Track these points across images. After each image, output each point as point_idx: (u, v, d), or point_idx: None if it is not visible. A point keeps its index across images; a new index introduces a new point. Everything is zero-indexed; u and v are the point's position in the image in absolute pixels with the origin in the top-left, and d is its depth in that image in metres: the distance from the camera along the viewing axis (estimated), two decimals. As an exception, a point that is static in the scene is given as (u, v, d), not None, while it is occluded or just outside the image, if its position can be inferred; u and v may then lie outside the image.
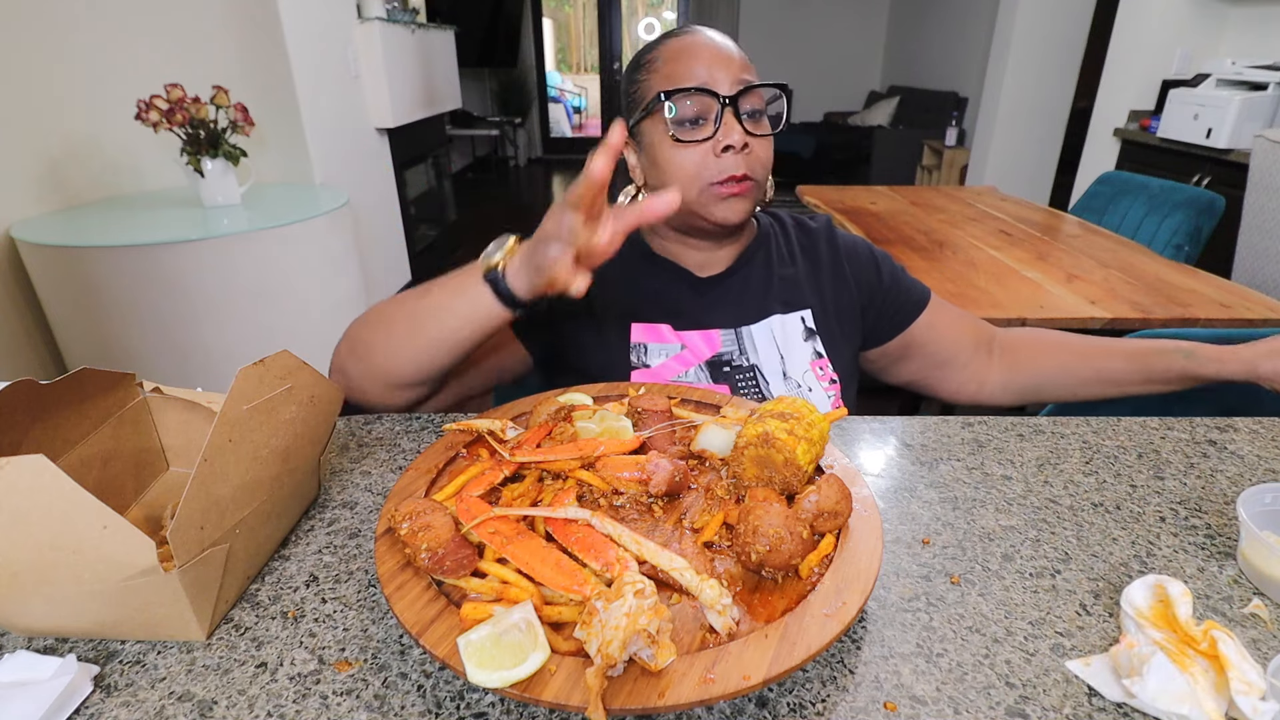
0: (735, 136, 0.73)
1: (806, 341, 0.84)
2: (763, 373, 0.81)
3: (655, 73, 0.78)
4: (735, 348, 0.82)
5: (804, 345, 0.84)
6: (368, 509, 0.61)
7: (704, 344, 0.82)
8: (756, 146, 0.76)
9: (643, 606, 0.38)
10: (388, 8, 3.03)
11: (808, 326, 0.85)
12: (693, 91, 0.73)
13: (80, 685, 0.42)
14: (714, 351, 0.82)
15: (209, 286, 1.81)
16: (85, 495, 0.40)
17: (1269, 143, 1.93)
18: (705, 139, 0.74)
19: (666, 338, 0.82)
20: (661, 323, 0.82)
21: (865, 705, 0.42)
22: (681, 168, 0.75)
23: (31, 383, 0.51)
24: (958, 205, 2.26)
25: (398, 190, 3.30)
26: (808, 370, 0.82)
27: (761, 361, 0.82)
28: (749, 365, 0.81)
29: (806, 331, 0.84)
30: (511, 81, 7.30)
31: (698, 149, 0.75)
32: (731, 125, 0.73)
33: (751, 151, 0.75)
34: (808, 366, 0.82)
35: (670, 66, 0.76)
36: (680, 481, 0.53)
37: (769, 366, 0.81)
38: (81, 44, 2.01)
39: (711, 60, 0.75)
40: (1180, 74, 3.04)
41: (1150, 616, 0.44)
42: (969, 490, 0.63)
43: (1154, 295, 1.42)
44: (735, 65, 0.75)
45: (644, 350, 0.81)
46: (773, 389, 0.81)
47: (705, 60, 0.75)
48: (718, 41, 0.77)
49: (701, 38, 0.77)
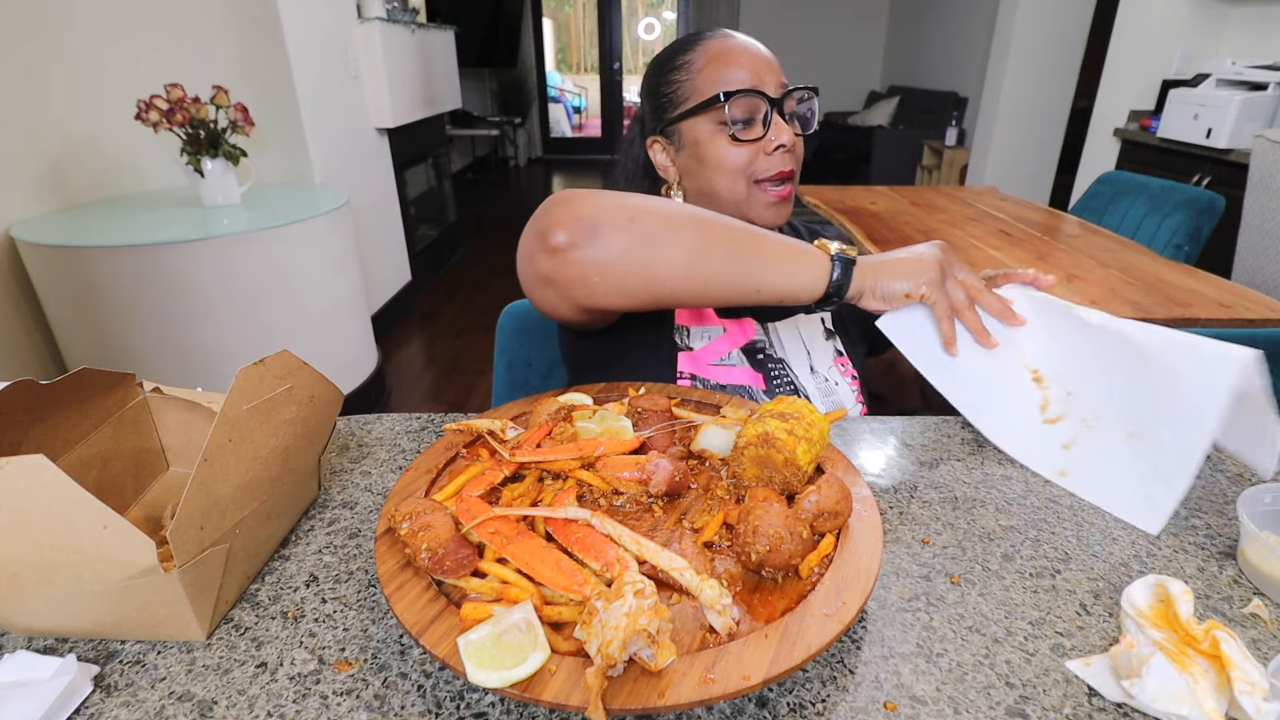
0: (787, 136, 0.77)
1: (828, 341, 0.87)
2: (791, 367, 0.83)
3: (698, 73, 0.79)
4: (765, 339, 0.85)
5: (825, 344, 0.87)
6: (368, 509, 0.61)
7: (739, 330, 0.84)
8: (797, 146, 0.80)
9: (643, 606, 0.38)
10: (388, 8, 3.03)
11: (827, 327, 0.88)
12: (746, 94, 0.76)
13: (80, 685, 0.42)
14: (749, 339, 0.84)
15: (209, 286, 1.81)
16: (85, 495, 0.40)
17: (1269, 143, 1.93)
18: (758, 138, 0.78)
19: (708, 320, 0.84)
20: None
21: (865, 705, 0.42)
22: (734, 165, 0.78)
23: (31, 383, 0.51)
24: (958, 205, 2.26)
25: (398, 190, 3.30)
26: (832, 366, 0.85)
27: (789, 356, 0.84)
28: (778, 358, 0.84)
29: (826, 332, 0.88)
30: (511, 81, 7.30)
31: (749, 148, 0.78)
32: (781, 125, 0.77)
33: (792, 150, 0.79)
34: (831, 363, 0.85)
35: (715, 69, 0.78)
36: (680, 481, 0.53)
37: (796, 361, 0.84)
38: (82, 44, 2.01)
39: (757, 63, 0.78)
40: (1180, 74, 3.04)
41: (1151, 616, 0.44)
42: (969, 490, 0.63)
43: (1154, 295, 1.42)
44: (776, 68, 0.79)
45: (686, 333, 0.83)
46: (802, 382, 0.83)
47: (752, 63, 0.78)
48: (758, 45, 0.81)
49: (742, 41, 0.80)
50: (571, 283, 0.60)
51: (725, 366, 0.81)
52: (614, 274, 0.59)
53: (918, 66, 6.17)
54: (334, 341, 2.27)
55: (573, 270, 0.59)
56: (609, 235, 0.58)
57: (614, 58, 7.59)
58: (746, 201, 0.80)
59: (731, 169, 0.78)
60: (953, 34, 5.58)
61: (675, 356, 0.81)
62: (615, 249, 0.58)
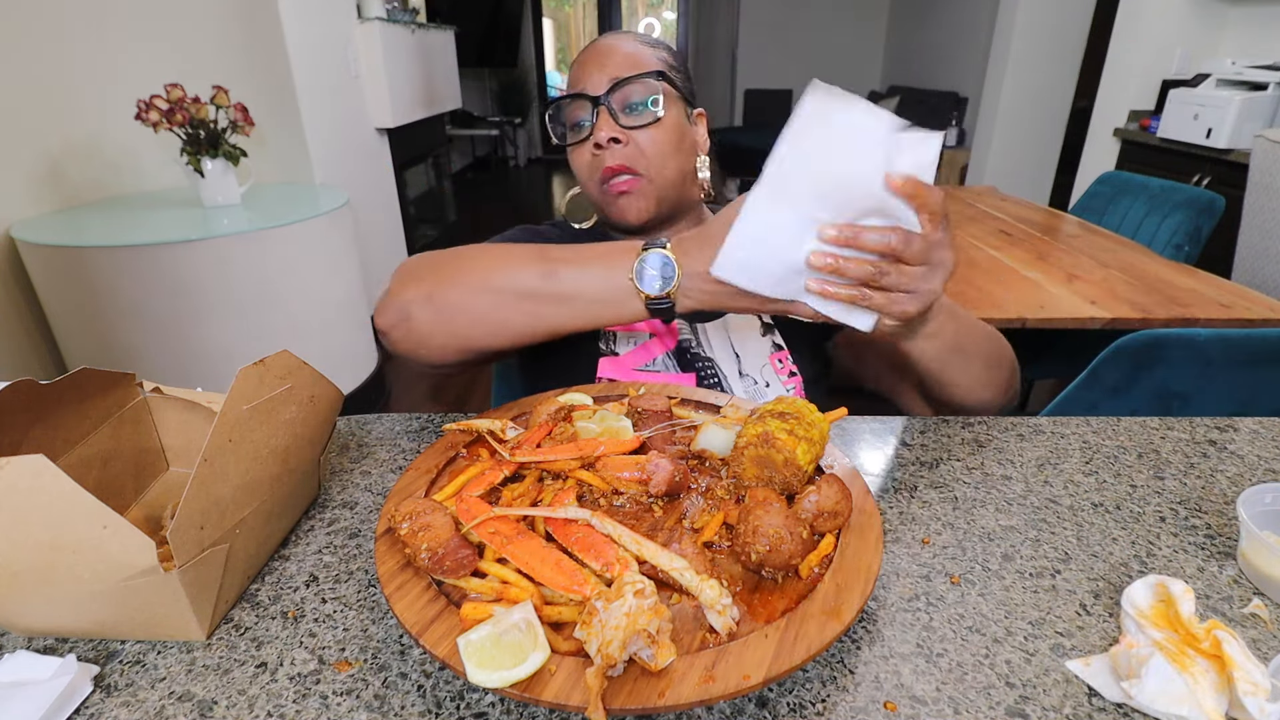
0: (602, 133, 0.76)
1: (765, 336, 0.83)
2: (720, 368, 0.81)
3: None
4: (693, 338, 0.82)
5: (761, 341, 0.82)
6: (368, 509, 0.61)
7: (668, 333, 0.82)
8: (638, 139, 0.77)
9: (643, 606, 0.38)
10: (388, 8, 3.03)
11: (764, 322, 0.84)
12: (567, 99, 0.77)
13: (80, 685, 0.42)
14: (676, 340, 0.82)
15: (209, 286, 1.81)
16: (85, 495, 0.40)
17: (1269, 143, 1.93)
18: (583, 140, 0.77)
19: (635, 325, 0.82)
20: None
21: (865, 705, 0.42)
22: (580, 169, 0.80)
23: (31, 383, 0.51)
24: (958, 205, 2.26)
25: (398, 190, 3.30)
26: (766, 364, 0.81)
27: (717, 357, 0.81)
28: (706, 357, 0.81)
29: (764, 327, 0.83)
30: (511, 81, 7.30)
31: (583, 150, 0.78)
32: (601, 122, 0.76)
33: (630, 145, 0.77)
34: (766, 361, 0.81)
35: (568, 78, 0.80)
36: (680, 481, 0.53)
37: (725, 364, 0.81)
38: (81, 44, 2.01)
39: (591, 64, 0.78)
40: (1180, 74, 3.04)
41: (1151, 615, 0.44)
42: (969, 490, 0.63)
43: (1154, 295, 1.42)
44: (613, 64, 0.77)
45: (613, 338, 0.82)
46: (729, 384, 0.80)
47: (586, 65, 0.78)
48: (606, 43, 0.80)
49: (594, 43, 0.80)
50: (406, 356, 0.66)
51: (650, 372, 0.79)
52: (431, 344, 0.64)
53: (918, 66, 6.17)
54: (334, 341, 2.27)
55: (401, 348, 0.66)
56: (415, 314, 0.63)
57: (614, 58, 7.58)
58: (602, 204, 0.80)
59: (582, 174, 0.80)
60: (953, 34, 5.58)
61: (596, 363, 0.80)
62: (423, 326, 0.63)
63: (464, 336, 0.64)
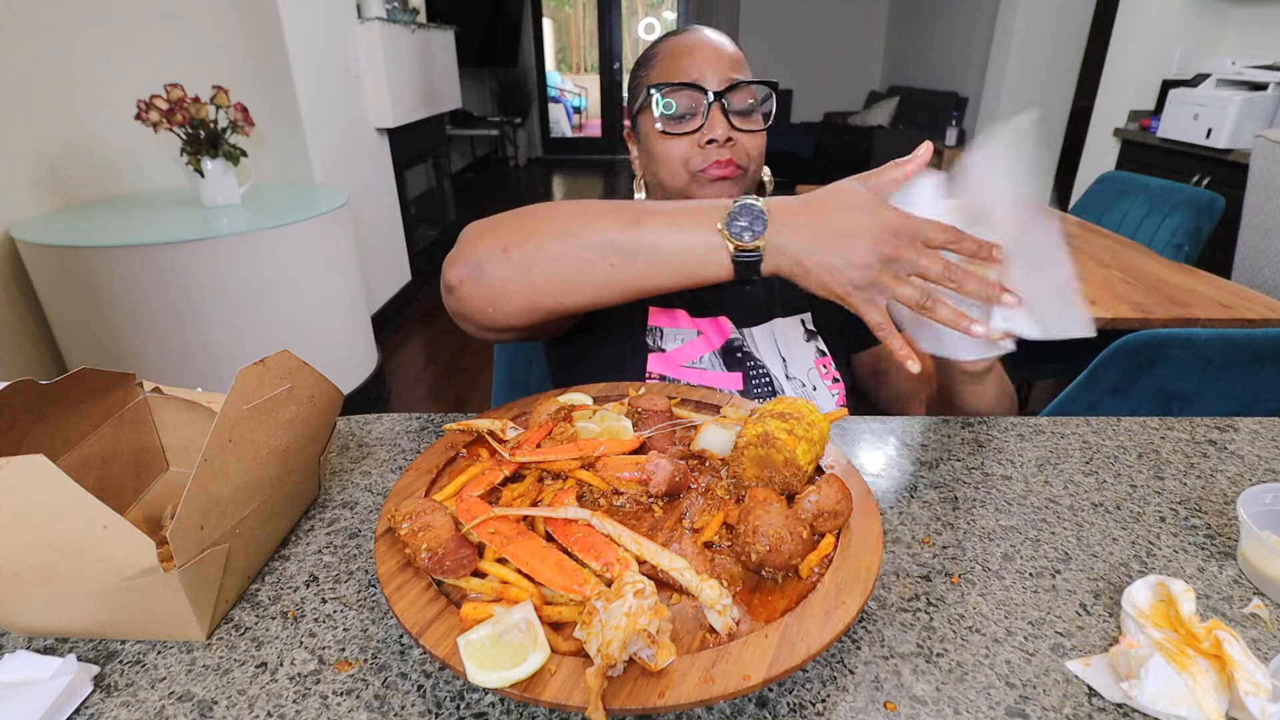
0: (719, 130, 0.76)
1: (809, 342, 0.85)
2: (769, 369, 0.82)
3: (653, 69, 0.81)
4: (742, 339, 0.83)
5: (806, 346, 0.85)
6: (368, 509, 0.61)
7: (715, 331, 0.83)
8: (744, 140, 0.78)
9: (643, 606, 0.38)
10: (388, 8, 3.03)
11: (808, 329, 0.86)
12: (680, 87, 0.77)
13: (80, 685, 0.42)
14: (725, 339, 0.82)
15: (209, 286, 1.81)
16: (85, 495, 0.40)
17: (1269, 143, 1.93)
18: (691, 131, 0.77)
19: (682, 323, 0.83)
20: (678, 308, 0.84)
21: (865, 705, 0.42)
22: (670, 157, 0.79)
23: (31, 383, 0.51)
24: (958, 205, 2.25)
25: (398, 190, 3.30)
26: (811, 369, 0.83)
27: (765, 361, 0.83)
28: (756, 358, 0.83)
29: (807, 333, 0.86)
30: (511, 81, 7.30)
31: (685, 141, 0.78)
32: (716, 119, 0.77)
33: (737, 144, 0.78)
34: (811, 365, 0.84)
35: (666, 63, 0.80)
36: (680, 481, 0.53)
37: (773, 366, 0.82)
38: (82, 44, 2.01)
39: (703, 57, 0.78)
40: (1180, 74, 3.04)
41: (1152, 615, 0.44)
42: (969, 490, 0.63)
43: (1154, 295, 1.42)
44: (726, 63, 0.78)
45: (660, 334, 0.82)
46: (780, 386, 0.82)
47: (697, 57, 0.78)
48: (712, 39, 0.80)
49: (698, 36, 0.80)
50: (472, 315, 0.65)
51: (698, 369, 0.80)
52: (502, 301, 0.63)
53: (918, 66, 6.17)
54: (334, 341, 2.27)
55: (469, 305, 0.64)
56: (489, 268, 0.62)
57: (614, 58, 7.59)
58: (688, 190, 0.80)
59: (669, 161, 0.79)
60: (953, 34, 5.58)
61: (645, 358, 0.80)
62: (496, 280, 0.62)
63: (540, 291, 0.62)
